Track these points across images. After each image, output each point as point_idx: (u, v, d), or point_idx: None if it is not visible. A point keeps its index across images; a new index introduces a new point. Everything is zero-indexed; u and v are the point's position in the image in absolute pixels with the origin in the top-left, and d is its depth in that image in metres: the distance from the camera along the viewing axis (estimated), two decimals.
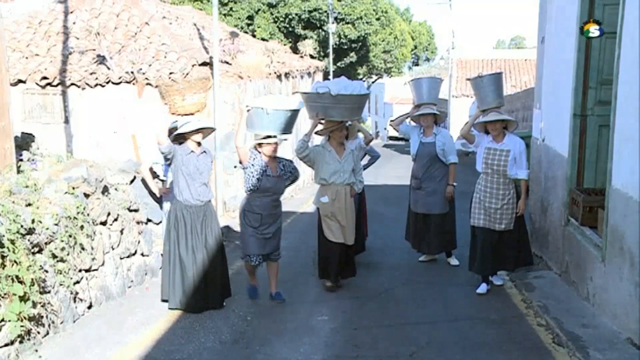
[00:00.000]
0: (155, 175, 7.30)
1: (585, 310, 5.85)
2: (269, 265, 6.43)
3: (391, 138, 42.37)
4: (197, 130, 6.03)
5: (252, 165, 6.14)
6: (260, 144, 6.20)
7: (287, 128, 6.20)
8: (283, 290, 6.52)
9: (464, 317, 5.94)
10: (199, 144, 6.13)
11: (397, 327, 5.74)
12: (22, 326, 4.75)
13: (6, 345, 4.69)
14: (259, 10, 30.88)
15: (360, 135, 7.67)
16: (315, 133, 6.61)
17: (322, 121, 6.64)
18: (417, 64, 47.96)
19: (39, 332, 5.06)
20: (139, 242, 6.97)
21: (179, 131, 6.07)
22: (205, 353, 5.11)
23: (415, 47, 43.93)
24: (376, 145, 33.92)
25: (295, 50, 21.36)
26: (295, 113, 6.22)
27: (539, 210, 7.93)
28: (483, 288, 6.62)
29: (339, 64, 33.26)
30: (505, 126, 6.50)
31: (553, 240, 7.31)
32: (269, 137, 6.15)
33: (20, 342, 4.85)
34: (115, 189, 6.75)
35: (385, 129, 49.68)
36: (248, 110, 6.13)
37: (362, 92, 6.45)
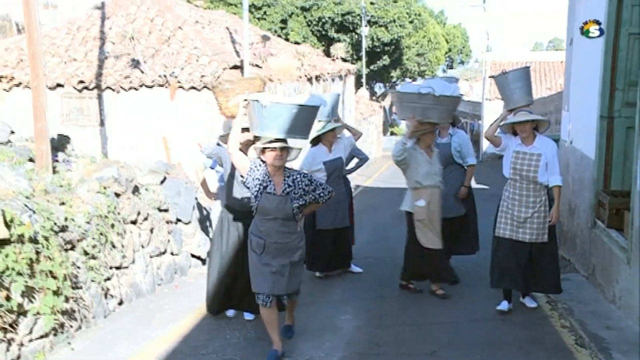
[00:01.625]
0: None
1: (610, 313, 5.82)
2: (288, 300, 5.19)
3: None
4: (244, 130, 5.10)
5: (252, 178, 4.76)
6: (262, 150, 4.76)
7: (298, 130, 4.78)
8: (307, 287, 6.57)
9: (486, 317, 5.95)
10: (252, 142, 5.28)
11: (419, 326, 5.79)
12: (55, 319, 4.96)
13: (41, 337, 4.90)
14: (292, 13, 31.13)
15: (347, 133, 7.57)
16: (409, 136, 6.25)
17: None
18: (451, 67, 47.65)
19: (71, 326, 5.26)
20: (168, 241, 7.16)
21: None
22: (230, 349, 5.24)
23: (450, 49, 43.66)
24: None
25: (328, 53, 21.53)
26: (307, 111, 4.79)
27: (566, 213, 7.88)
28: (504, 305, 6.04)
29: (372, 67, 33.30)
30: (535, 127, 5.86)
31: (580, 242, 7.26)
32: (276, 141, 4.72)
33: (54, 334, 5.06)
34: (146, 189, 6.95)
35: None
36: (246, 106, 4.81)
37: (460, 94, 6.37)
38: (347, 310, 6.23)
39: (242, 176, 4.88)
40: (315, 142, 7.14)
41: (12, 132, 6.72)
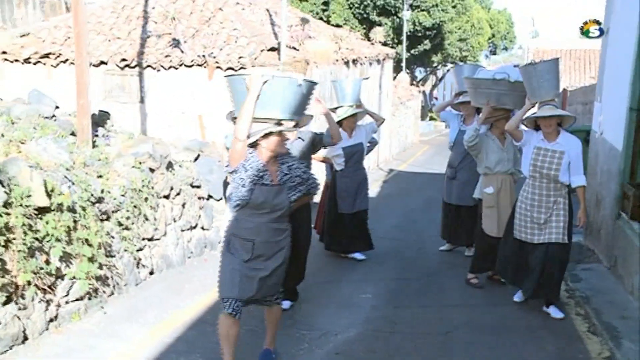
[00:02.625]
0: None
1: (628, 304, 5.88)
2: (267, 311, 4.54)
3: None
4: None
5: (244, 168, 4.09)
6: (266, 136, 4.10)
7: (301, 110, 4.25)
8: (331, 266, 6.79)
9: (503, 303, 6.08)
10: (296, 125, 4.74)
11: (436, 308, 5.96)
12: (90, 284, 5.30)
13: (76, 300, 5.26)
14: None
15: (369, 118, 7.47)
16: (482, 122, 6.25)
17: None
18: (494, 53, 46.94)
19: (104, 292, 5.60)
20: (199, 216, 7.45)
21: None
22: (253, 321, 5.47)
23: (493, 35, 42.96)
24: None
25: (368, 36, 21.53)
26: (308, 88, 4.20)
27: (592, 204, 7.89)
28: (520, 296, 5.98)
29: (412, 52, 33.09)
30: (559, 123, 5.57)
31: (604, 233, 7.29)
32: (276, 124, 4.12)
33: (89, 298, 5.40)
34: (180, 166, 7.24)
35: None
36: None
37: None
38: (368, 290, 6.43)
39: (228, 165, 4.16)
40: None
41: (57, 107, 7.05)
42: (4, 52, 11.58)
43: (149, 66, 11.29)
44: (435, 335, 5.27)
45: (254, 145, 4.14)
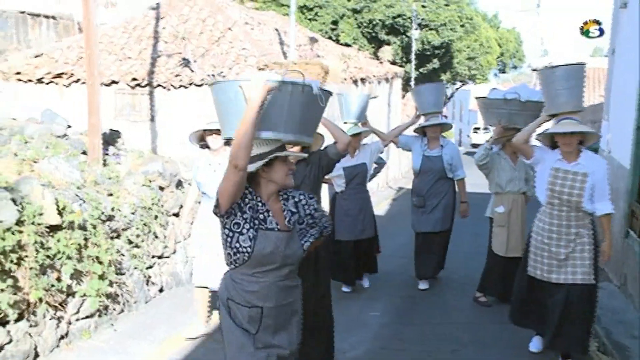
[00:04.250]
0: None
1: (638, 323, 5.85)
2: None
3: (474, 146, 41.91)
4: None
5: (240, 209, 3.02)
6: (268, 163, 3.04)
7: (311, 128, 3.18)
8: (334, 283, 6.78)
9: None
10: (302, 149, 4.33)
11: (444, 325, 5.96)
12: (100, 302, 5.35)
13: (87, 317, 5.31)
14: (343, 15, 31.32)
15: (375, 138, 7.00)
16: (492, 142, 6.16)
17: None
18: (503, 71, 47.05)
19: (114, 309, 5.64)
20: None
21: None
22: None
23: (502, 54, 43.10)
24: (460, 151, 33.47)
25: (377, 55, 21.68)
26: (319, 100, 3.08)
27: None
28: (536, 345, 5.20)
29: (421, 70, 33.23)
30: (581, 140, 4.71)
31: (614, 252, 7.21)
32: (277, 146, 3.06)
33: (99, 316, 5.46)
34: (189, 184, 7.29)
35: (468, 136, 49.12)
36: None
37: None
38: (377, 308, 6.44)
39: (217, 206, 2.98)
40: None
41: (69, 126, 7.16)
42: (18, 73, 11.76)
43: (159, 85, 11.42)
44: (444, 353, 5.27)
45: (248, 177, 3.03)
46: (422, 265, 7.14)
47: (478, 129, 45.03)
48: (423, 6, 31.06)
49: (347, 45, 24.32)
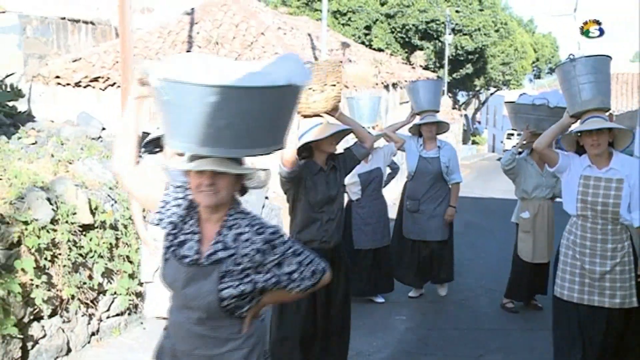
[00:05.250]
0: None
1: None
2: None
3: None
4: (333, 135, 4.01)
5: (166, 216, 2.48)
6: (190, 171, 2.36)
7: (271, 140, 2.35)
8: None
9: (540, 327, 6.00)
10: (331, 155, 4.12)
11: (470, 331, 5.94)
12: (130, 300, 5.48)
13: (117, 315, 5.45)
14: (376, 20, 31.41)
15: (385, 141, 6.59)
16: (521, 147, 6.14)
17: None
18: (538, 77, 46.55)
19: (144, 307, 5.76)
20: None
21: (304, 140, 3.96)
22: None
23: (537, 59, 42.66)
24: (492, 157, 33.38)
25: (410, 60, 21.67)
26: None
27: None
28: None
29: (454, 75, 33.09)
30: (611, 142, 4.13)
31: None
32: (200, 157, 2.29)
33: (129, 314, 5.59)
34: None
35: (501, 142, 48.58)
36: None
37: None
38: (403, 312, 6.44)
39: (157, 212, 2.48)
40: None
41: (104, 129, 7.34)
42: (58, 77, 12.11)
43: None
44: (469, 358, 5.27)
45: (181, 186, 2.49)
46: (407, 272, 6.77)
47: (512, 134, 44.58)
48: (457, 11, 30.96)
49: (379, 50, 24.32)
